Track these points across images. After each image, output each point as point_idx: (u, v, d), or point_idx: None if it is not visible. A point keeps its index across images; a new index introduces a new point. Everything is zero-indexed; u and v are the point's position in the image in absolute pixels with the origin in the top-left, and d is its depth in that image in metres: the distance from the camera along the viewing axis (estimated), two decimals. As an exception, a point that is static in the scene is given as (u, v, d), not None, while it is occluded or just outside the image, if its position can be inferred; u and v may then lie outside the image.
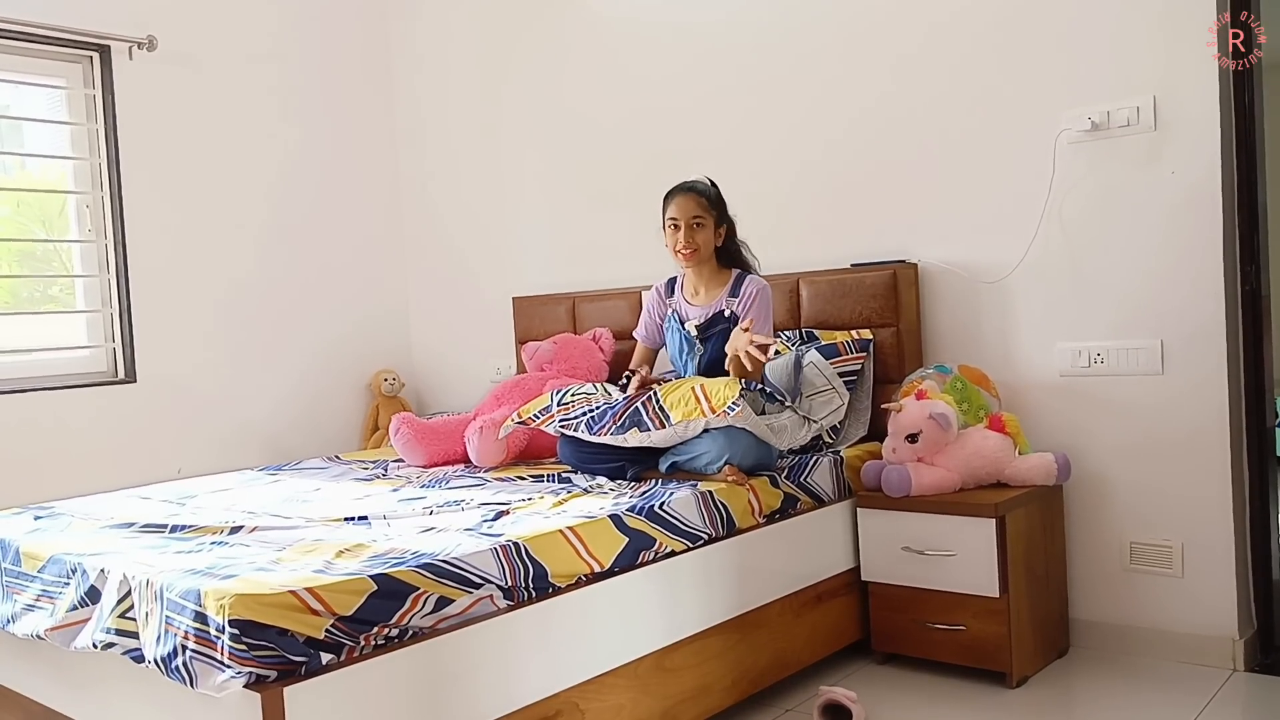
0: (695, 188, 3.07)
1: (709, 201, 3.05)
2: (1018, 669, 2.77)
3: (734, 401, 2.66)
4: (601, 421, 2.85)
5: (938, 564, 2.82)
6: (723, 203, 3.11)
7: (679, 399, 2.76)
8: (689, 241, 3.02)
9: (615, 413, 2.84)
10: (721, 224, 3.10)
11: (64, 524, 2.64)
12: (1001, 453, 2.89)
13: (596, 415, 2.87)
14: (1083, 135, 2.94)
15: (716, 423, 2.70)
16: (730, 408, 2.65)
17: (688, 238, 3.02)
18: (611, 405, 2.88)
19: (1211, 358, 2.82)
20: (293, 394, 4.30)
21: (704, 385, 2.77)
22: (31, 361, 3.69)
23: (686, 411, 2.72)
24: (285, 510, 2.68)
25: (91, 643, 2.06)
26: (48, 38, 3.64)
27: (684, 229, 3.02)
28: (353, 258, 4.54)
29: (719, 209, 3.09)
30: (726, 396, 2.68)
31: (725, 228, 3.11)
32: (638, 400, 2.83)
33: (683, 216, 3.03)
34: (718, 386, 2.74)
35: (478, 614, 2.07)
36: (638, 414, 2.79)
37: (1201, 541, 2.87)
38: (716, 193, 3.10)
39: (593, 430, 2.86)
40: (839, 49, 3.38)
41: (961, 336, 3.22)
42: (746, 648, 2.65)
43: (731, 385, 2.72)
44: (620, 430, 2.81)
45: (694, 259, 3.06)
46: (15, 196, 3.78)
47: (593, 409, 2.90)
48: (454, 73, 4.46)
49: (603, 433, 2.84)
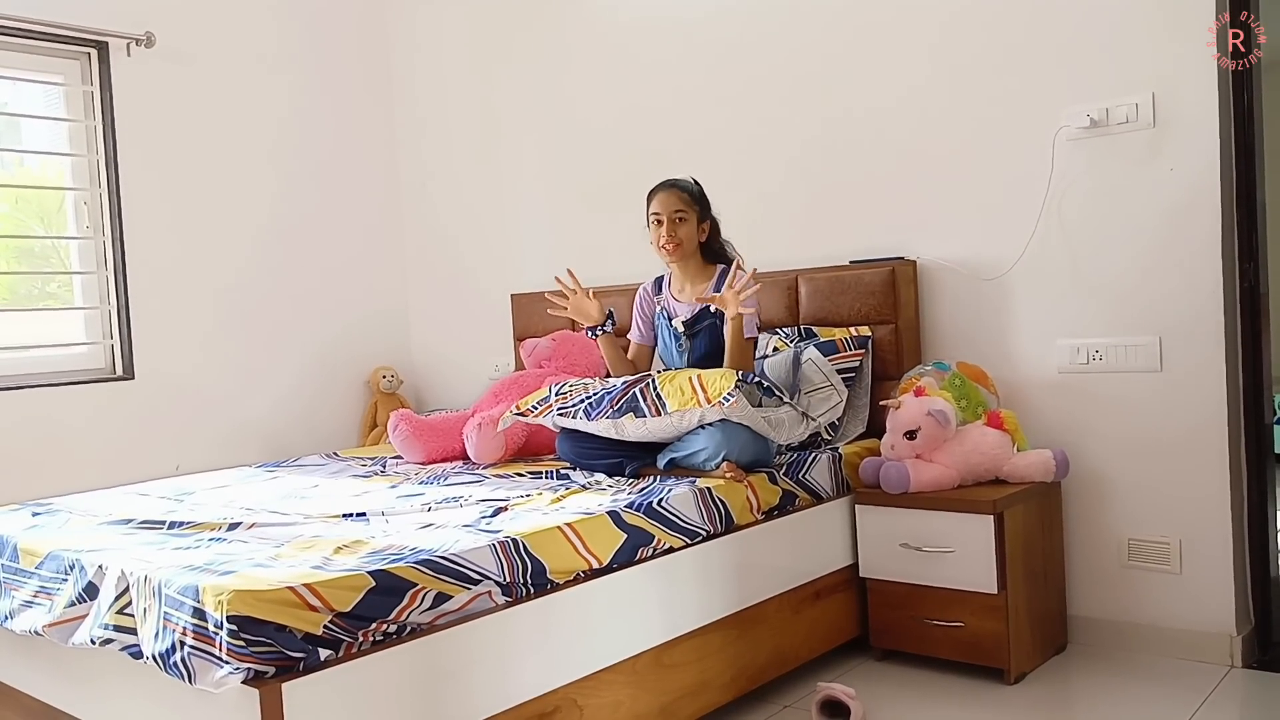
0: (677, 184, 3.08)
1: (691, 197, 3.07)
2: (1016, 665, 2.77)
3: (729, 392, 2.66)
4: (599, 407, 2.85)
5: (936, 561, 2.82)
6: (705, 200, 3.12)
7: (675, 388, 2.76)
8: (671, 235, 3.04)
9: (613, 398, 2.84)
10: (705, 220, 3.11)
11: (62, 520, 2.64)
12: (1000, 449, 2.89)
13: (594, 401, 2.87)
14: (1082, 132, 2.94)
15: (712, 414, 2.70)
16: (726, 398, 2.66)
17: (670, 232, 3.04)
18: (609, 390, 2.88)
19: (1210, 354, 2.82)
20: (291, 391, 4.30)
21: (700, 375, 2.77)
22: (29, 358, 3.68)
23: (683, 401, 2.72)
24: (283, 507, 2.67)
25: (89, 639, 2.06)
26: (46, 34, 3.63)
27: (666, 223, 3.04)
28: (351, 254, 4.54)
29: (701, 205, 3.10)
30: (722, 387, 2.69)
31: (709, 224, 3.12)
32: (635, 386, 2.83)
33: (665, 211, 3.04)
34: (714, 377, 2.74)
35: (476, 610, 2.07)
36: (635, 400, 2.80)
37: (1200, 538, 2.87)
38: (699, 190, 3.12)
39: (590, 416, 2.86)
40: (839, 47, 3.38)
41: (960, 333, 3.22)
42: (745, 644, 2.65)
43: (727, 376, 2.73)
44: (617, 414, 2.80)
45: (677, 254, 3.06)
46: (13, 193, 3.78)
47: (590, 395, 2.90)
48: (452, 69, 4.46)
49: (600, 417, 2.84)
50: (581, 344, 3.75)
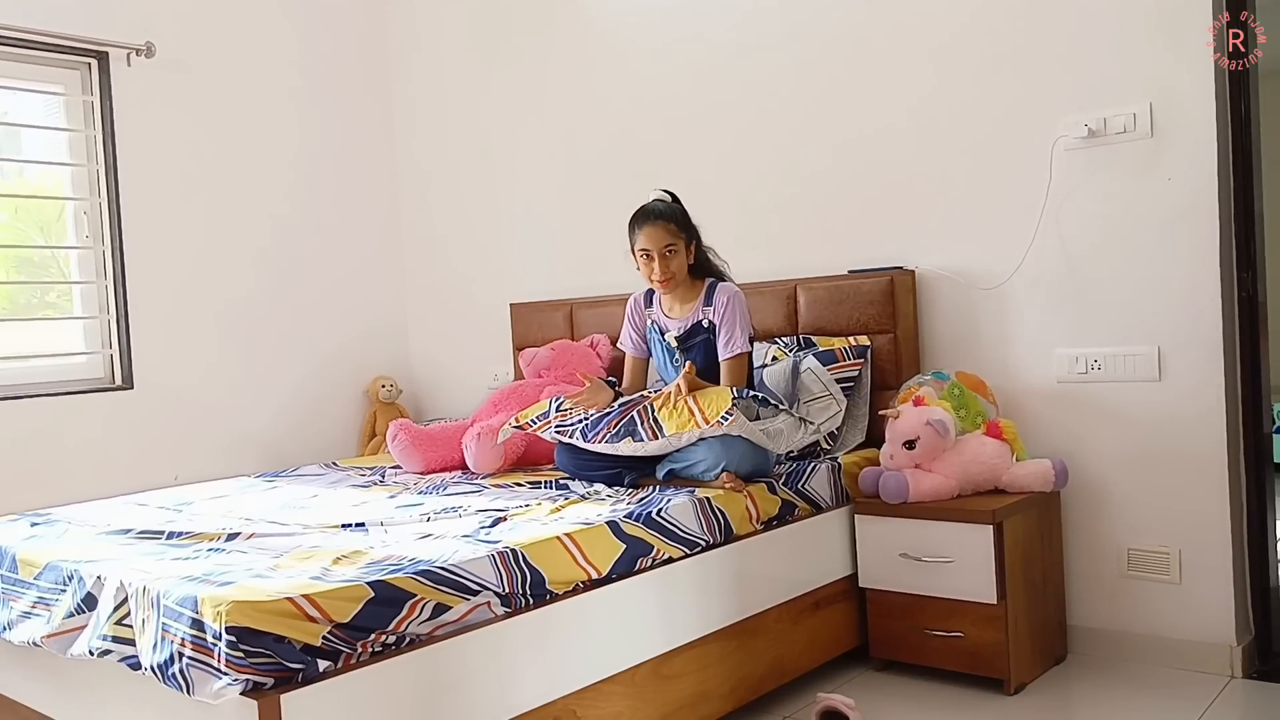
0: (660, 214, 2.98)
1: (677, 225, 2.98)
2: (1015, 676, 2.77)
3: (727, 412, 2.66)
4: (596, 428, 2.85)
5: (935, 570, 2.81)
6: (688, 220, 3.03)
7: (672, 410, 2.76)
8: (664, 271, 2.96)
9: (610, 420, 2.84)
10: (691, 242, 3.03)
11: (60, 530, 2.64)
12: (999, 459, 2.89)
13: (591, 422, 2.88)
14: (1080, 142, 2.95)
15: (711, 433, 2.70)
16: (724, 418, 2.66)
17: (663, 268, 2.96)
18: (606, 413, 2.88)
19: (1209, 364, 2.82)
20: (290, 400, 4.30)
21: (696, 397, 2.77)
22: (29, 368, 3.68)
23: (680, 423, 2.72)
24: (282, 517, 2.67)
25: (88, 650, 2.05)
26: (46, 44, 3.64)
27: (658, 260, 2.96)
28: (350, 263, 4.54)
29: (687, 229, 3.01)
30: (719, 407, 2.68)
31: (695, 244, 3.04)
32: (633, 410, 2.83)
33: (655, 247, 2.96)
34: (710, 397, 2.74)
35: (475, 621, 2.07)
36: (632, 423, 2.80)
37: (1199, 548, 2.87)
38: (681, 211, 3.03)
39: (587, 438, 2.86)
40: (837, 58, 3.39)
41: (959, 343, 3.23)
42: (744, 655, 2.65)
43: (723, 395, 2.72)
44: (614, 439, 2.81)
45: (671, 285, 3.01)
46: (13, 203, 3.78)
47: (588, 416, 2.90)
48: (452, 80, 4.47)
49: (598, 439, 2.84)
50: (581, 354, 3.75)
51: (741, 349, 2.99)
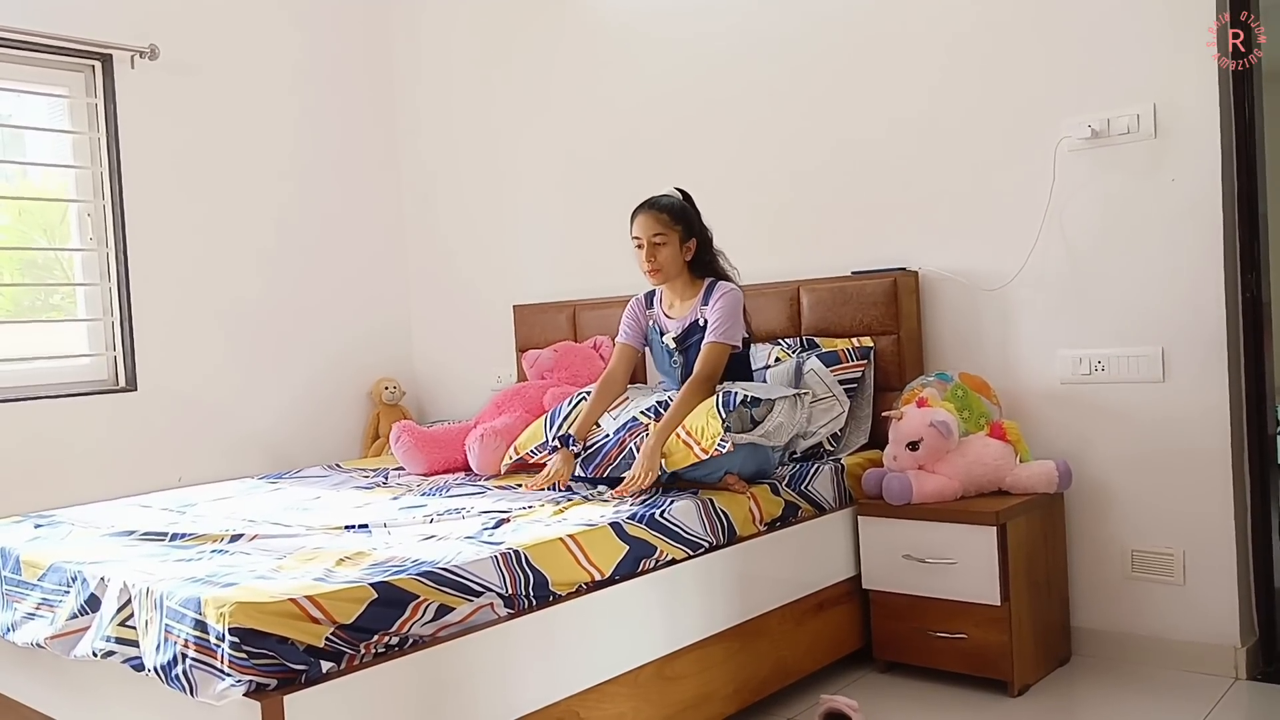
0: (657, 204, 2.99)
1: (671, 217, 2.97)
2: (1019, 677, 2.76)
3: (722, 439, 2.66)
4: (596, 460, 2.90)
5: (939, 572, 2.81)
6: (689, 217, 3.02)
7: (669, 447, 2.75)
8: (651, 259, 2.97)
9: (608, 452, 2.88)
10: (690, 238, 3.00)
11: (64, 532, 2.64)
12: (1002, 460, 2.89)
13: (590, 454, 2.92)
14: (1083, 143, 2.95)
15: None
16: (721, 444, 2.65)
17: (649, 256, 2.97)
18: (604, 444, 2.90)
19: (1212, 365, 2.82)
20: (293, 402, 4.30)
21: (687, 430, 2.74)
22: (32, 370, 3.68)
23: (679, 458, 2.72)
24: (286, 518, 2.67)
25: (91, 651, 2.05)
26: (50, 47, 3.65)
27: (646, 248, 2.97)
28: (354, 265, 4.55)
29: (684, 223, 2.99)
30: (713, 436, 2.67)
31: (694, 242, 3.02)
32: (631, 441, 2.84)
33: (644, 235, 2.97)
34: (699, 423, 2.72)
35: (478, 622, 2.07)
36: (632, 456, 2.81)
37: (1203, 549, 2.87)
38: (682, 206, 3.02)
39: (587, 471, 2.92)
40: (839, 58, 3.39)
41: (962, 344, 3.22)
42: (747, 656, 2.65)
43: (712, 418, 2.70)
44: (615, 470, 2.85)
45: (659, 277, 3.00)
46: (17, 205, 3.79)
47: (588, 447, 2.94)
48: (455, 82, 4.47)
49: (597, 471, 2.89)
50: (583, 355, 3.75)
51: (726, 339, 2.92)
